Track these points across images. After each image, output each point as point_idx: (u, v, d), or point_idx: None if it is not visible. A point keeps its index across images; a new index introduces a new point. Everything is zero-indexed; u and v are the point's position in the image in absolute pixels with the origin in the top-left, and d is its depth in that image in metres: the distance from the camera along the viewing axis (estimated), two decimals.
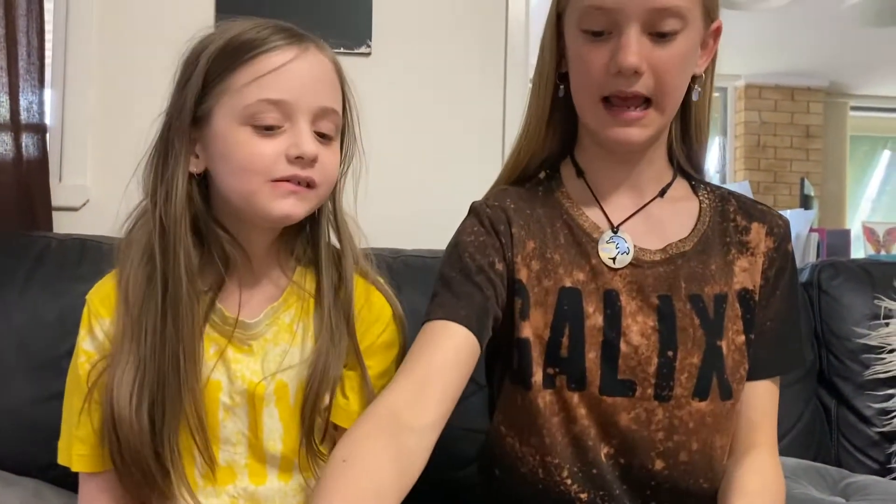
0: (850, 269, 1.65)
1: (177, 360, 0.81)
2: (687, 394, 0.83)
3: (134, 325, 0.82)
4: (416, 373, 0.76)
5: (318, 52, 0.85)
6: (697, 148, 0.92)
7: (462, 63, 1.82)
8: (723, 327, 0.84)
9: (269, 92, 0.80)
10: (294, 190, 0.82)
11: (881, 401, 1.50)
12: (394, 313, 0.93)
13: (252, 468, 0.88)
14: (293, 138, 0.81)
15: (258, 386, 0.86)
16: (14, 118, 1.61)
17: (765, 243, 0.89)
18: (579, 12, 0.81)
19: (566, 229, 0.89)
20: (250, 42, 0.81)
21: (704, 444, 0.84)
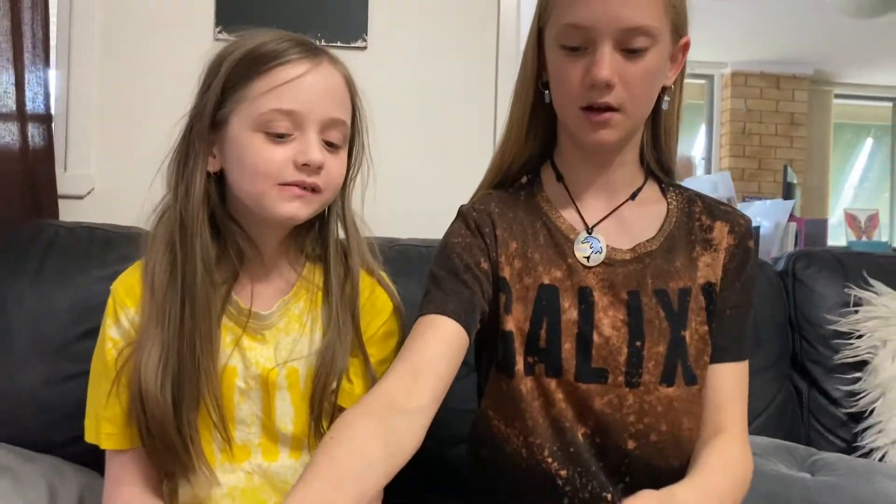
0: (824, 258, 1.73)
1: (194, 344, 0.88)
2: (655, 380, 0.91)
3: (158, 311, 0.89)
4: (411, 361, 0.83)
5: (330, 66, 0.92)
6: (667, 153, 0.99)
7: (455, 57, 1.88)
8: (686, 319, 0.92)
9: (282, 102, 0.87)
10: (300, 194, 0.89)
11: (849, 384, 1.58)
12: (394, 307, 1.01)
13: (265, 447, 0.95)
14: (302, 146, 0.88)
15: (271, 372, 0.94)
16: (20, 109, 1.66)
17: (727, 240, 0.96)
18: (558, 29, 0.88)
19: (545, 230, 0.96)
20: (268, 54, 0.88)
21: (673, 426, 0.92)
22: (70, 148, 1.76)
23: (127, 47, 1.78)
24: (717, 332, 0.95)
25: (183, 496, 0.94)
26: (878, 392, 1.54)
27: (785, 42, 5.64)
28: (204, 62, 0.94)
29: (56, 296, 1.39)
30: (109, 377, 0.90)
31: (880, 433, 1.50)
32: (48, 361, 1.35)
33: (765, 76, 6.13)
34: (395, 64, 1.86)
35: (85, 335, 1.37)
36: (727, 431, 0.92)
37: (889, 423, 1.50)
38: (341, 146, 0.94)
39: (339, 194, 0.97)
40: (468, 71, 1.88)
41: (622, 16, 0.83)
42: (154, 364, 0.87)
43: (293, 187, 0.89)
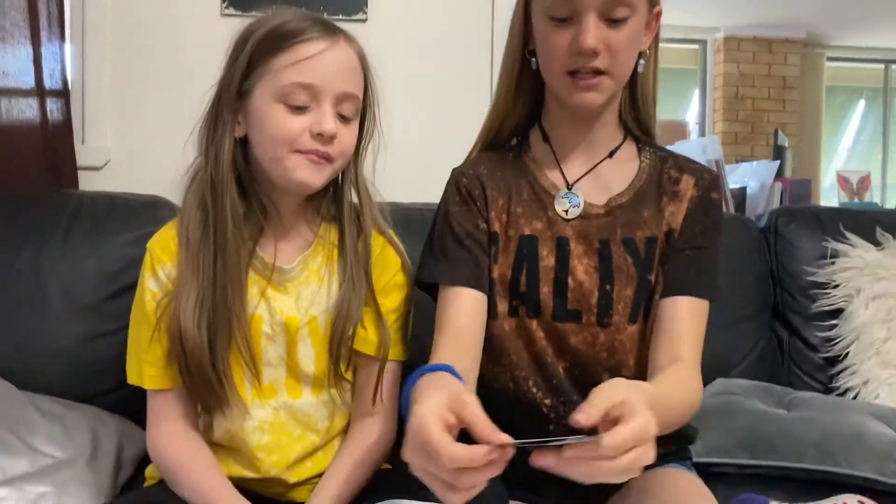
0: (804, 214, 1.83)
1: (226, 290, 0.98)
2: (624, 320, 1.01)
3: (193, 263, 0.99)
4: (449, 333, 0.98)
5: (346, 44, 1.01)
6: (644, 114, 1.08)
7: (453, 28, 1.96)
8: (653, 264, 1.02)
9: (302, 76, 0.96)
10: (316, 161, 0.98)
11: (826, 330, 1.69)
12: (402, 263, 1.12)
13: (290, 386, 1.06)
14: (317, 117, 0.97)
15: (294, 320, 1.04)
16: (38, 85, 1.74)
17: (691, 191, 1.05)
18: (546, 2, 0.96)
19: (529, 187, 1.06)
20: (291, 31, 0.97)
21: (639, 359, 1.02)
22: (87, 121, 1.84)
23: (138, 23, 1.85)
24: (674, 268, 1.02)
25: (217, 430, 1.04)
26: (853, 336, 1.65)
27: (777, 6, 5.67)
28: (231, 36, 1.02)
29: (84, 260, 1.49)
30: (150, 324, 1.00)
31: (854, 374, 1.62)
32: (80, 320, 1.45)
33: (757, 40, 6.18)
34: (394, 35, 1.93)
35: (112, 296, 1.48)
36: (683, 360, 0.97)
37: (862, 365, 1.61)
38: (353, 118, 1.03)
39: (351, 162, 1.07)
40: (464, 41, 1.96)
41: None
42: (191, 308, 0.97)
43: (309, 154, 0.98)
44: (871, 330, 1.63)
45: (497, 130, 1.12)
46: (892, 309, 1.64)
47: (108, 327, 1.45)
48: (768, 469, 1.31)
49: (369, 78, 1.05)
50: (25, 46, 1.74)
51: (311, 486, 1.05)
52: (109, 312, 1.46)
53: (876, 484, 1.24)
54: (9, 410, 1.20)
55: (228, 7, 1.85)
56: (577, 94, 0.98)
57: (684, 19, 5.98)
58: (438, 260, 1.04)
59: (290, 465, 1.05)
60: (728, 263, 1.66)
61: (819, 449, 1.29)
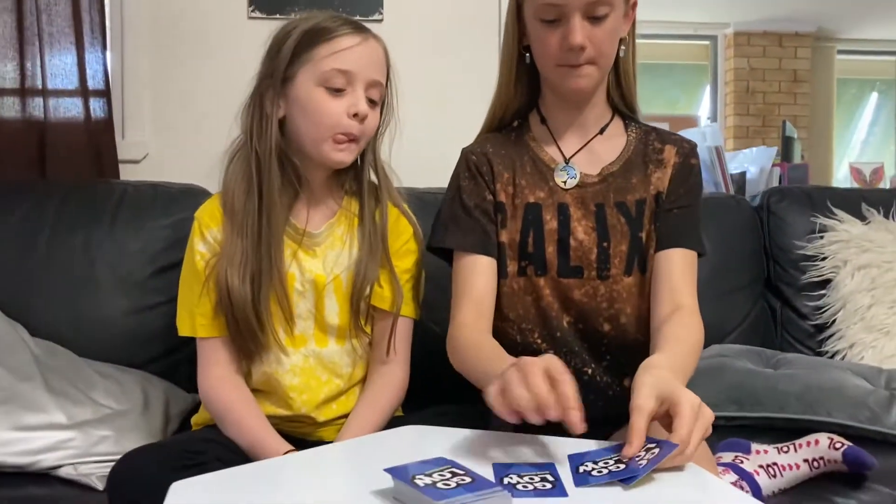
0: (794, 193, 1.95)
1: (270, 249, 1.14)
2: (619, 273, 1.14)
3: (238, 226, 1.15)
4: (471, 299, 1.13)
5: (374, 41, 1.19)
6: (628, 91, 1.21)
7: (463, 25, 2.10)
8: (642, 223, 1.15)
9: (340, 63, 1.14)
10: (348, 142, 1.16)
11: (816, 300, 1.81)
12: (414, 231, 1.28)
13: (317, 336, 1.21)
14: (353, 100, 1.15)
15: (321, 278, 1.19)
16: (83, 85, 1.90)
17: (674, 158, 1.18)
18: (536, 7, 1.09)
19: (531, 162, 1.20)
20: (330, 28, 1.15)
21: (635, 308, 1.15)
22: (126, 118, 1.99)
23: (171, 27, 2.00)
24: (664, 225, 1.15)
25: (255, 374, 1.19)
26: (840, 304, 1.77)
27: (786, 0, 5.74)
28: (268, 35, 1.20)
29: (129, 241, 1.64)
30: (200, 281, 1.16)
31: (841, 339, 1.74)
32: (126, 295, 1.61)
33: (767, 35, 6.24)
34: (408, 34, 2.07)
35: (155, 273, 1.63)
36: (685, 307, 1.08)
37: (848, 330, 1.73)
38: (378, 103, 1.20)
39: (370, 144, 1.23)
40: (473, 38, 2.10)
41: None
42: (237, 266, 1.13)
43: (343, 139, 1.15)
44: (857, 298, 1.75)
45: (500, 116, 1.25)
46: (875, 278, 1.75)
47: (152, 301, 1.61)
48: (754, 420, 1.44)
49: (390, 71, 1.23)
50: (71, 51, 1.91)
51: (337, 426, 1.19)
52: (153, 288, 1.62)
53: (850, 429, 1.36)
54: (71, 371, 1.35)
55: (255, 11, 2.00)
56: (569, 83, 1.12)
57: (694, 15, 6.08)
58: (448, 228, 1.18)
59: (319, 404, 1.19)
60: (723, 239, 1.81)
61: (800, 400, 1.41)
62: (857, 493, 1.20)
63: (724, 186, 2.39)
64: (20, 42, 1.88)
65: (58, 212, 1.64)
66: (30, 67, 1.89)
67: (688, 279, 1.13)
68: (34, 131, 1.88)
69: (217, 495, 0.73)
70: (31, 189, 1.71)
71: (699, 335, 1.09)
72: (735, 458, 1.24)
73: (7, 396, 1.21)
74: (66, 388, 1.27)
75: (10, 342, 1.34)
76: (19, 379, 1.25)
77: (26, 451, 1.16)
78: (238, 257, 1.13)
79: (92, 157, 1.91)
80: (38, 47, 1.88)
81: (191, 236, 1.20)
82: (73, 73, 1.90)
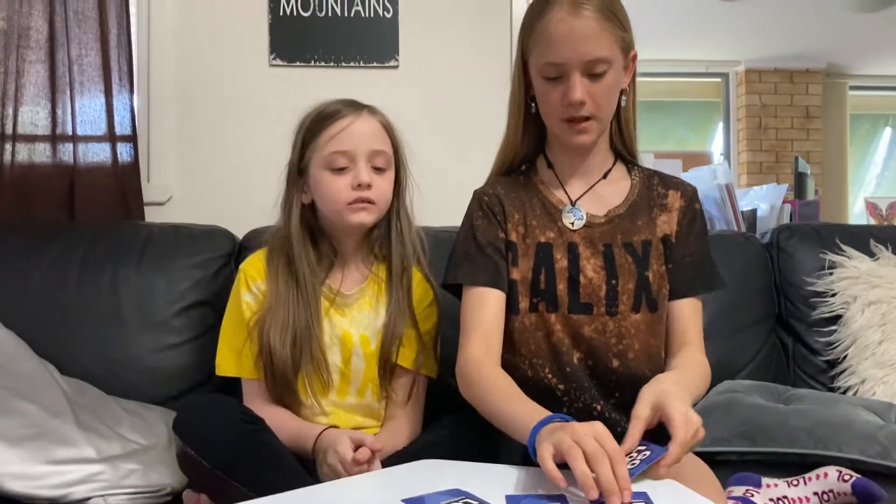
0: (803, 230, 1.98)
1: (307, 318, 1.26)
2: (627, 309, 1.19)
3: (280, 295, 1.27)
4: (480, 333, 1.17)
5: (369, 116, 1.33)
6: (629, 138, 1.28)
7: (474, 70, 2.17)
8: (648, 262, 1.20)
9: (338, 145, 1.28)
10: (362, 206, 1.29)
11: (827, 335, 1.83)
12: (434, 294, 1.38)
13: (340, 388, 1.31)
14: (355, 173, 1.28)
15: (348, 335, 1.31)
16: (110, 131, 1.99)
17: (679, 202, 1.25)
18: (539, 65, 1.16)
19: (540, 204, 1.25)
20: (328, 115, 1.31)
21: (643, 344, 1.19)
22: (152, 162, 2.07)
23: (195, 75, 2.09)
24: (677, 273, 1.22)
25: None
26: (851, 340, 1.78)
27: (796, 38, 5.80)
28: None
29: (155, 281, 1.70)
30: (245, 328, 1.28)
31: (852, 375, 1.75)
32: (151, 334, 1.66)
33: (778, 72, 6.30)
34: (422, 79, 2.15)
35: (178, 312, 1.69)
36: (691, 345, 1.19)
37: (859, 365, 1.75)
38: (386, 169, 1.33)
39: (395, 208, 1.36)
40: (486, 81, 2.17)
41: (585, 52, 1.11)
42: (278, 330, 1.25)
43: (354, 204, 1.28)
44: (867, 333, 1.76)
45: (510, 161, 1.32)
46: (885, 314, 1.77)
47: (176, 340, 1.67)
48: (766, 455, 1.45)
49: (394, 137, 1.36)
50: (99, 98, 1.99)
51: None
52: (177, 327, 1.68)
53: (861, 464, 1.37)
54: (100, 407, 1.40)
55: (276, 58, 2.09)
56: (572, 137, 1.19)
57: (706, 54, 6.17)
58: (462, 265, 1.22)
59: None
60: (734, 276, 1.83)
61: (811, 435, 1.43)
62: None
63: (735, 224, 2.43)
64: (52, 90, 1.97)
65: (86, 252, 1.71)
66: (60, 114, 1.98)
67: (696, 322, 1.22)
68: (64, 175, 1.96)
69: None
70: (61, 230, 1.78)
71: (705, 369, 1.18)
72: (746, 492, 1.26)
73: (40, 432, 1.26)
74: (95, 424, 1.32)
75: (42, 380, 1.39)
76: (51, 415, 1.30)
77: (59, 485, 1.21)
78: (279, 324, 1.25)
79: (119, 199, 1.98)
80: (69, 95, 1.97)
81: (236, 285, 1.33)
82: (101, 119, 1.99)
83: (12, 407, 1.28)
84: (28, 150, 1.96)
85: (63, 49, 1.95)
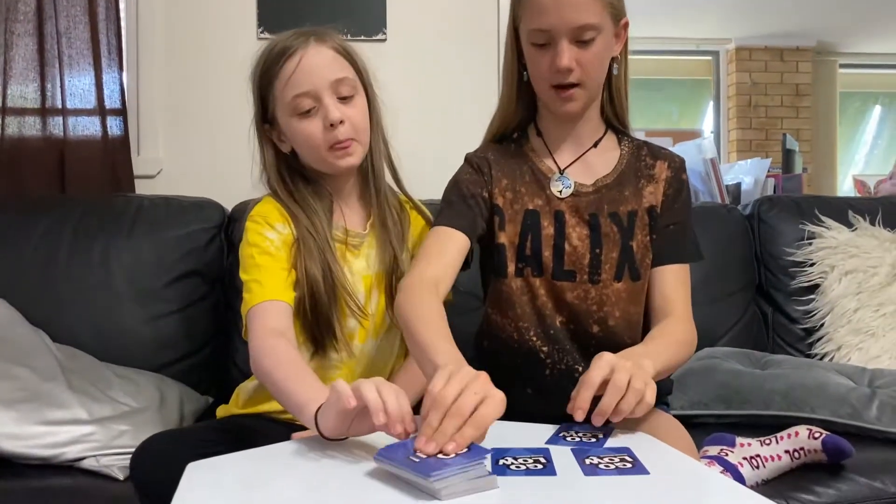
0: (784, 202, 2.02)
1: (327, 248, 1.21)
2: (609, 278, 1.21)
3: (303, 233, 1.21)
4: (442, 259, 1.16)
5: (317, 44, 1.21)
6: (620, 108, 1.28)
7: (462, 44, 2.19)
8: (633, 232, 1.22)
9: (296, 88, 1.18)
10: (344, 149, 1.20)
11: (804, 304, 1.88)
12: (425, 220, 1.36)
13: (360, 333, 1.26)
14: (323, 112, 1.18)
15: (367, 277, 1.27)
16: (100, 105, 2.00)
17: (665, 174, 1.26)
18: (527, 32, 1.17)
19: (529, 171, 1.27)
20: (275, 57, 1.20)
21: (623, 312, 1.22)
22: (142, 136, 2.09)
23: (184, 49, 2.10)
24: (660, 242, 1.22)
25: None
26: (828, 308, 1.83)
27: (787, 15, 5.80)
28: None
29: (145, 252, 1.73)
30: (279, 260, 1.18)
31: (829, 341, 1.80)
32: (143, 304, 1.69)
33: (769, 49, 6.31)
34: (410, 52, 2.17)
35: (169, 283, 1.72)
36: (673, 314, 1.19)
37: (836, 332, 1.79)
38: (354, 94, 1.22)
39: (376, 138, 1.27)
40: (473, 53, 2.19)
41: (572, 19, 1.12)
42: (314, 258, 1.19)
43: (337, 148, 1.19)
44: (844, 302, 1.81)
45: (502, 129, 1.33)
46: (861, 282, 1.81)
47: (166, 310, 1.70)
48: (741, 417, 1.50)
49: (353, 58, 1.25)
50: (88, 72, 2.00)
51: None
52: (167, 297, 1.71)
53: (832, 424, 1.42)
54: (91, 372, 1.43)
55: (264, 31, 2.10)
56: (559, 105, 1.20)
57: (697, 31, 6.17)
58: (442, 212, 1.23)
59: None
60: (716, 247, 1.88)
61: (785, 398, 1.47)
62: (837, 483, 1.26)
63: (720, 197, 2.46)
64: (41, 64, 1.98)
65: (77, 225, 1.73)
66: (50, 88, 1.99)
67: (680, 291, 1.22)
68: (54, 149, 1.97)
69: (230, 475, 0.80)
70: (52, 204, 1.80)
71: (685, 335, 1.18)
72: (720, 451, 1.30)
73: (33, 395, 1.29)
74: (86, 388, 1.35)
75: (35, 347, 1.42)
76: (43, 379, 1.33)
77: (51, 444, 1.24)
78: (313, 251, 1.19)
79: (109, 172, 2.00)
80: (58, 69, 1.98)
81: (250, 231, 1.22)
82: (90, 93, 2.00)
83: (5, 372, 1.31)
84: (18, 123, 1.97)
85: (51, 21, 1.96)
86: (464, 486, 0.71)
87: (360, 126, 1.23)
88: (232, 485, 0.78)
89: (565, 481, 0.75)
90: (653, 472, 0.78)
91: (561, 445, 0.87)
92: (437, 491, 0.69)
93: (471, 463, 0.73)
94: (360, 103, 1.24)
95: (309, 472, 0.82)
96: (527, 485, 0.75)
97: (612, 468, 0.79)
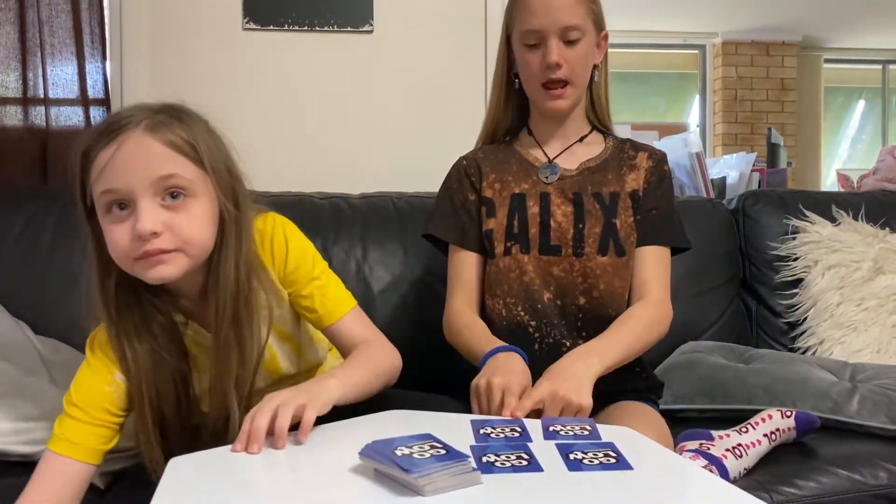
0: (769, 196, 2.03)
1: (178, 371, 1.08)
2: (593, 252, 1.27)
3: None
4: (465, 287, 1.33)
5: (139, 136, 0.94)
6: (601, 112, 1.38)
7: (449, 38, 2.18)
8: (616, 211, 1.29)
9: (105, 184, 0.94)
10: (157, 259, 0.94)
11: (788, 298, 1.89)
12: (287, 241, 1.08)
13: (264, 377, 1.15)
14: (134, 219, 0.93)
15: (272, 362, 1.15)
16: (83, 95, 1.98)
17: (646, 163, 1.34)
18: (520, 33, 1.29)
19: (517, 162, 1.36)
20: (89, 148, 0.96)
21: (608, 285, 1.27)
22: None
23: (169, 40, 2.08)
24: (642, 223, 1.30)
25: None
26: (811, 302, 1.84)
27: (773, 11, 5.85)
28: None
29: None
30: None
31: (811, 335, 1.81)
32: None
33: (755, 44, 6.36)
34: (396, 44, 2.15)
35: None
36: (645, 298, 1.27)
37: (818, 327, 1.81)
38: (189, 194, 0.96)
39: (218, 251, 1.01)
40: (461, 48, 2.18)
41: (560, 19, 1.25)
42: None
43: (142, 260, 0.94)
44: (827, 296, 1.82)
45: (493, 133, 1.43)
46: (844, 277, 1.83)
47: None
48: (724, 412, 1.50)
49: (199, 151, 0.98)
50: (71, 62, 1.99)
51: None
52: None
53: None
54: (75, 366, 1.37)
55: (249, 22, 2.08)
56: (549, 102, 1.30)
57: (683, 25, 6.19)
58: (433, 218, 1.38)
59: None
60: (700, 241, 1.88)
61: (767, 392, 1.48)
62: (818, 476, 1.27)
63: (705, 191, 2.48)
64: (23, 53, 1.96)
65: (59, 216, 1.71)
66: (32, 77, 1.97)
67: (657, 273, 1.29)
68: (36, 139, 1.95)
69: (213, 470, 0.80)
70: (34, 194, 1.78)
71: (655, 316, 1.25)
72: (701, 445, 1.30)
73: (14, 390, 1.27)
74: (69, 382, 1.34)
75: (16, 340, 1.41)
76: (25, 374, 1.31)
77: (32, 441, 1.22)
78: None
79: None
80: (40, 58, 1.96)
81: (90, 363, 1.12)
82: (73, 82, 1.98)
83: None
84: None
85: (33, 10, 1.93)
86: (448, 482, 0.71)
87: (190, 235, 0.97)
88: (215, 480, 0.77)
89: (550, 477, 0.76)
90: (636, 467, 0.79)
91: (552, 440, 0.88)
92: (420, 487, 0.70)
93: (454, 460, 0.73)
94: (200, 204, 0.98)
95: (293, 467, 0.82)
96: (511, 480, 0.75)
97: (597, 463, 0.80)
